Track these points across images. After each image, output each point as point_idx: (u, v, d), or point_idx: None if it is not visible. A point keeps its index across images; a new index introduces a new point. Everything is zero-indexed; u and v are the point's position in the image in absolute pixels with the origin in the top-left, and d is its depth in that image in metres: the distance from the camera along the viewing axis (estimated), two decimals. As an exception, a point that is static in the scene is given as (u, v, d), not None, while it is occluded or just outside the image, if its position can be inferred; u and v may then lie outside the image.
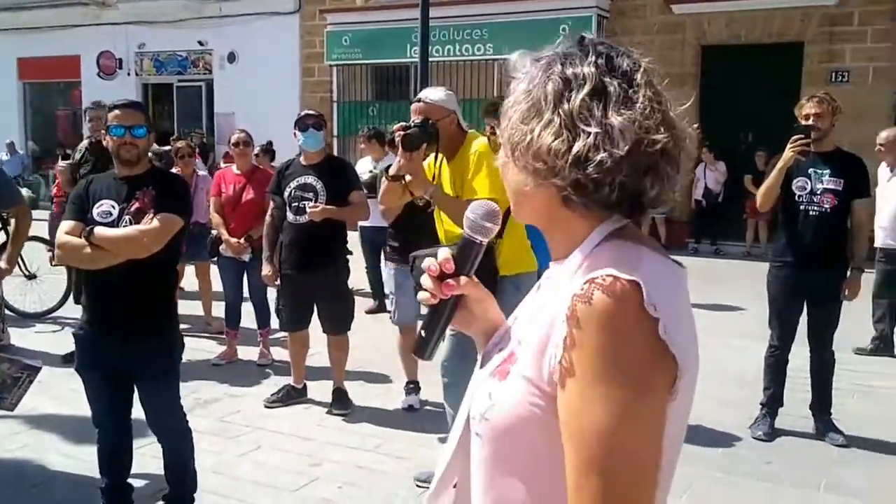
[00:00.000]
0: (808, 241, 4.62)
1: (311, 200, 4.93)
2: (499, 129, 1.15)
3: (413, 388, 5.30)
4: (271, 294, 5.84)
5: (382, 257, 7.70)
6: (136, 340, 3.22)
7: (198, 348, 6.33)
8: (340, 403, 5.16)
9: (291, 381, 5.36)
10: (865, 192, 4.76)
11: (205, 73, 17.43)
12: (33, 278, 7.72)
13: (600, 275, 1.00)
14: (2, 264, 4.51)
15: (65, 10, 17.94)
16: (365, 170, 7.79)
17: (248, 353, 6.37)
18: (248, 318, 6.39)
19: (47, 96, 19.91)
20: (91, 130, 6.18)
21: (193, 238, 5.47)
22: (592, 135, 1.01)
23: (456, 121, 3.78)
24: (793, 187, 4.66)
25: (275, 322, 5.92)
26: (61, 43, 17.91)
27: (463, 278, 1.21)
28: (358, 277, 6.36)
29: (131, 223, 3.19)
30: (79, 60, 18.20)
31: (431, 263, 1.21)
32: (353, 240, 5.62)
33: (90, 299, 3.34)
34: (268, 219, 5.32)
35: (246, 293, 6.33)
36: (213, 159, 15.30)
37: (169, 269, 3.42)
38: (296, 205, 4.99)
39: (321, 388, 5.38)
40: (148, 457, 3.93)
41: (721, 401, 5.12)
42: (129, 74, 17.95)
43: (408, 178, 3.65)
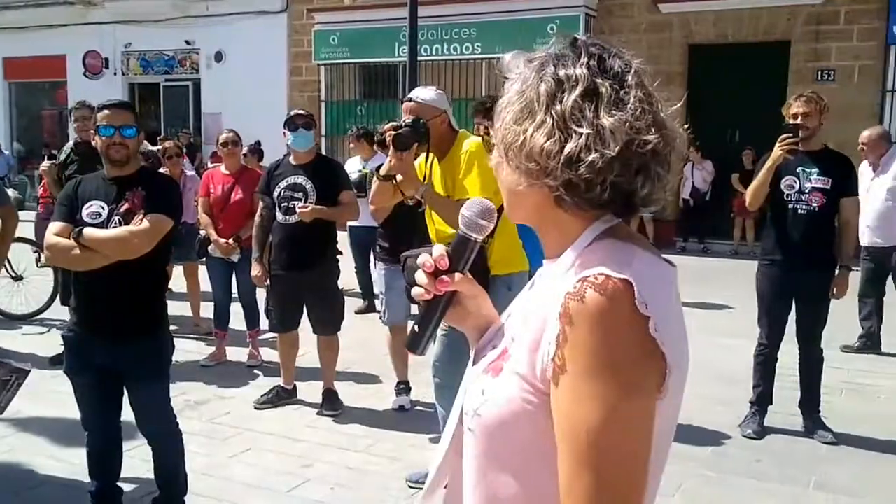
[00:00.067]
0: (797, 239, 4.65)
1: (300, 200, 4.91)
2: (492, 130, 1.16)
3: (404, 388, 5.29)
4: (260, 295, 5.82)
5: (372, 257, 7.73)
6: (126, 341, 3.20)
7: (186, 349, 6.30)
8: (331, 404, 5.15)
9: (281, 382, 5.35)
10: (853, 191, 4.79)
11: (192, 73, 17.37)
12: (20, 280, 7.67)
13: (592, 273, 1.01)
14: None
15: (51, 10, 17.83)
16: (354, 169, 7.78)
17: (237, 354, 6.35)
18: (237, 318, 6.37)
19: (33, 96, 19.79)
20: (77, 130, 6.12)
21: (182, 238, 5.44)
22: (584, 135, 1.03)
23: (447, 120, 3.78)
24: (781, 186, 4.68)
25: (264, 323, 5.90)
26: (47, 42, 17.79)
27: (457, 275, 1.22)
28: (347, 278, 6.34)
29: (121, 224, 3.17)
30: (65, 60, 18.11)
31: (427, 260, 1.22)
32: (343, 240, 5.61)
33: (79, 301, 3.32)
34: (257, 219, 5.31)
35: (235, 294, 6.31)
36: (201, 159, 15.23)
37: (159, 270, 3.40)
38: (285, 205, 4.97)
39: (311, 389, 5.37)
40: (137, 459, 3.91)
41: (710, 399, 5.14)
42: (115, 74, 17.87)
43: (399, 178, 3.64)
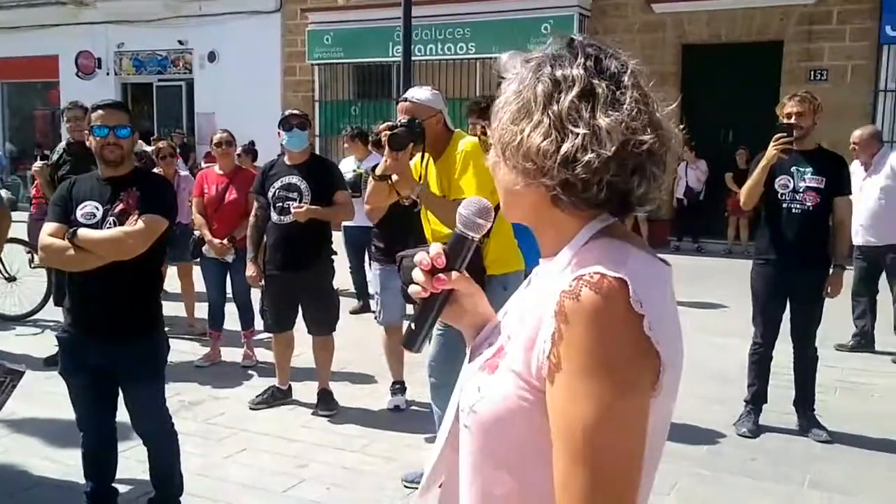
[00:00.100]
0: (791, 238, 4.67)
1: (295, 201, 4.91)
2: (490, 129, 1.17)
3: (399, 388, 5.29)
4: (255, 295, 5.81)
5: (366, 257, 7.72)
6: (121, 342, 3.19)
7: (181, 350, 6.29)
8: (326, 404, 5.14)
9: (276, 383, 5.34)
10: (847, 190, 4.81)
11: (185, 73, 17.34)
12: (13, 281, 7.65)
13: (588, 272, 1.02)
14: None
15: (43, 10, 17.78)
16: (348, 169, 7.77)
17: (231, 354, 6.33)
18: (232, 319, 6.36)
19: (25, 96, 19.74)
20: (69, 131, 6.09)
21: (176, 239, 5.42)
22: (580, 136, 1.04)
23: (442, 120, 3.77)
24: (776, 185, 4.70)
25: (259, 323, 5.89)
26: (39, 42, 17.74)
27: (454, 273, 1.23)
28: (342, 278, 6.33)
29: (115, 224, 3.16)
30: (57, 60, 18.05)
31: (424, 258, 1.22)
32: (337, 240, 5.60)
33: (74, 301, 3.31)
34: (252, 219, 5.30)
35: (229, 294, 6.30)
36: (194, 160, 15.21)
37: (153, 270, 3.39)
38: (280, 205, 4.96)
39: (306, 390, 5.36)
40: (133, 460, 3.90)
41: (705, 398, 5.16)
42: (108, 74, 17.83)
43: (394, 178, 3.64)
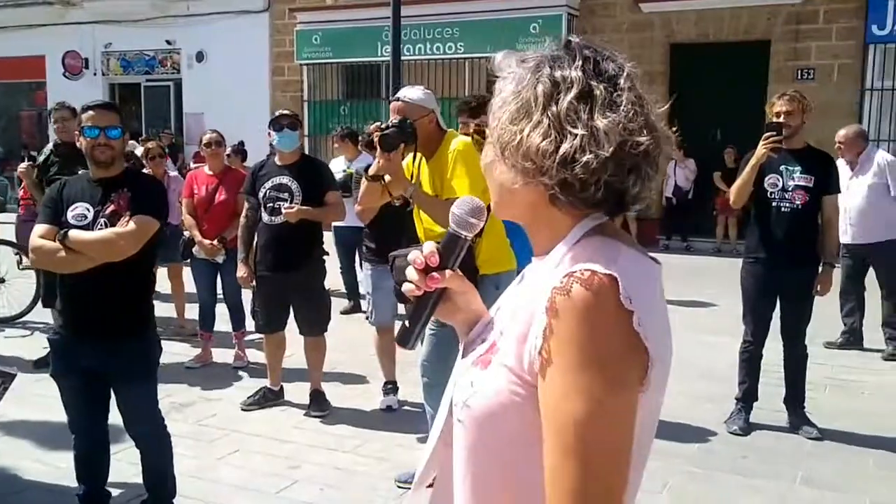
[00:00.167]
0: (781, 237, 4.70)
1: (286, 201, 4.90)
2: (487, 129, 1.18)
3: (391, 388, 5.29)
4: (246, 296, 5.79)
5: (357, 258, 7.72)
6: (113, 343, 3.18)
7: (172, 351, 6.24)
8: (318, 405, 5.13)
9: (268, 384, 5.33)
10: (835, 189, 4.84)
11: (173, 73, 17.26)
12: (1, 283, 7.60)
13: (579, 269, 1.04)
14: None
15: (29, 10, 17.65)
16: (338, 169, 7.76)
17: (222, 355, 6.31)
18: (223, 320, 6.34)
19: (12, 97, 19.57)
20: (57, 132, 6.05)
21: (166, 240, 5.40)
22: (579, 136, 1.06)
23: (435, 120, 3.78)
24: (765, 184, 4.73)
25: (250, 324, 5.87)
26: (26, 43, 17.61)
27: (447, 272, 1.25)
28: (333, 278, 6.32)
29: (107, 226, 3.15)
30: (44, 60, 17.92)
31: (417, 256, 1.24)
32: (328, 240, 5.59)
33: (65, 303, 3.29)
34: (242, 220, 5.28)
35: (220, 295, 6.27)
36: (183, 160, 15.15)
37: (145, 271, 3.38)
38: (271, 205, 4.95)
39: (298, 390, 5.35)
40: (125, 462, 3.88)
41: (695, 396, 5.18)
42: (95, 74, 17.73)
43: (387, 179, 3.64)
